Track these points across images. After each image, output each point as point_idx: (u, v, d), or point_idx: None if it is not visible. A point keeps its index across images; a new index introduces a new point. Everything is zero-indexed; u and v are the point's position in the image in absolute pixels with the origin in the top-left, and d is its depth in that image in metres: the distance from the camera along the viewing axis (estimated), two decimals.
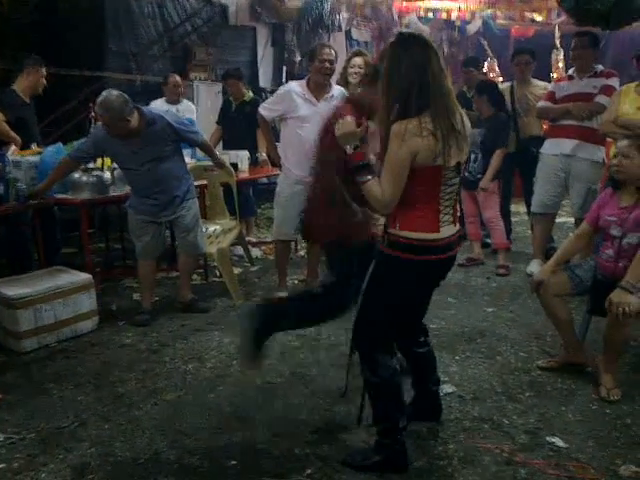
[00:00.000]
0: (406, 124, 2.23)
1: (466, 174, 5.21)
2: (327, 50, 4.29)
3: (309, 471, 2.57)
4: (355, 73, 4.77)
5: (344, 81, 4.83)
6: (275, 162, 4.78)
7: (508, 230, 5.80)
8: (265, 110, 4.45)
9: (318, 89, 4.31)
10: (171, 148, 4.04)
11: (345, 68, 4.86)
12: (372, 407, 2.59)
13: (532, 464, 2.61)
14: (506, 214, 5.79)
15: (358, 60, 4.79)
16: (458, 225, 2.52)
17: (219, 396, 3.20)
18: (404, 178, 2.29)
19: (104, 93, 3.78)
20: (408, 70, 2.26)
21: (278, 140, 4.61)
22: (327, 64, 4.24)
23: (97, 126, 4.21)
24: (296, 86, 4.41)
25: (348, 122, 2.43)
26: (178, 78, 6.25)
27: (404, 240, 2.37)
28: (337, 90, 4.42)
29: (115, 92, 3.79)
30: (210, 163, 4.73)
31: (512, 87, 5.75)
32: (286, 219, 4.44)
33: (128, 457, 2.68)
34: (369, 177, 2.34)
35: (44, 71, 4.94)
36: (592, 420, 2.96)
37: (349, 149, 2.40)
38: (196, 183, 4.63)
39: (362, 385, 2.62)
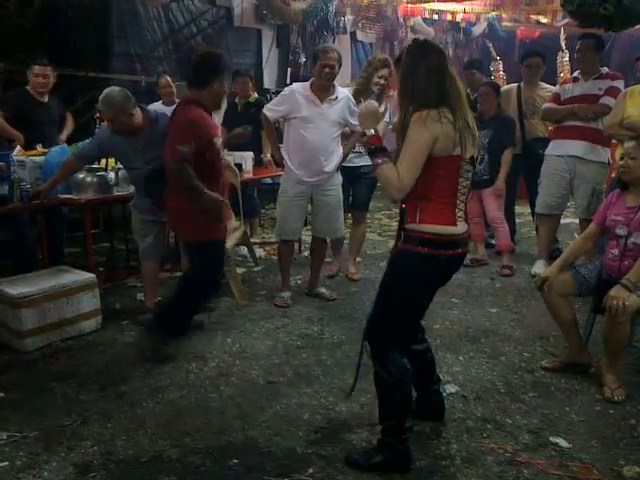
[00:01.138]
0: (427, 112, 2.31)
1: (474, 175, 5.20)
2: (329, 55, 4.24)
3: (311, 471, 2.56)
4: (381, 85, 4.73)
5: (366, 87, 4.77)
6: (278, 162, 4.78)
7: (512, 231, 5.79)
8: (269, 111, 4.45)
9: (321, 91, 4.31)
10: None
11: (371, 74, 4.79)
12: (379, 405, 2.59)
13: (535, 464, 2.59)
14: (510, 215, 5.79)
15: (386, 71, 4.73)
16: (467, 224, 2.55)
17: (221, 395, 3.20)
18: (421, 164, 2.33)
19: (106, 90, 3.84)
20: (426, 73, 2.35)
21: (282, 141, 4.61)
22: (327, 69, 4.21)
23: (102, 127, 4.22)
24: (300, 87, 4.41)
25: (372, 104, 2.50)
26: (169, 79, 6.23)
27: (423, 234, 2.40)
28: (341, 92, 4.40)
29: (117, 88, 3.86)
30: None
31: (519, 88, 5.74)
32: (289, 219, 4.45)
33: (130, 456, 2.68)
34: (386, 160, 2.37)
35: (35, 69, 4.90)
36: (596, 420, 2.95)
37: (370, 131, 2.44)
38: None
39: (368, 385, 2.63)
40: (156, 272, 4.34)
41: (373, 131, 2.44)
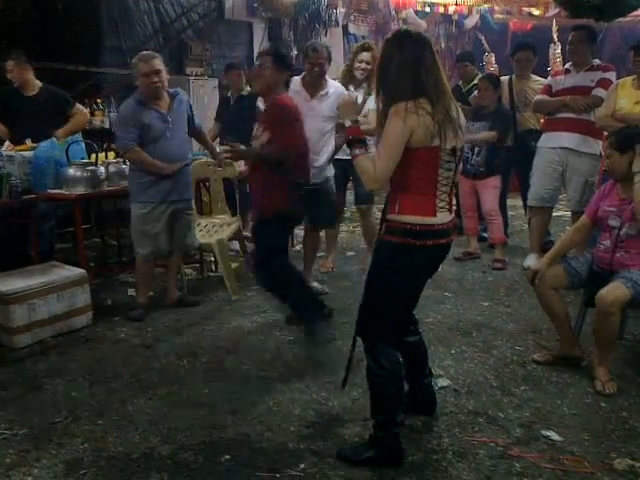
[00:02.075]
0: (404, 104, 2.31)
1: (468, 166, 5.23)
2: (318, 53, 4.23)
3: (303, 466, 2.56)
4: (362, 69, 4.73)
5: (350, 75, 4.78)
6: None
7: (505, 224, 5.79)
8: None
9: (312, 86, 4.32)
10: (186, 123, 4.20)
11: (352, 61, 4.80)
12: (371, 399, 2.58)
13: (527, 458, 2.59)
14: (502, 208, 5.78)
15: (366, 55, 4.74)
16: (452, 214, 2.54)
17: (213, 391, 3.19)
18: (398, 155, 2.33)
19: None
20: (400, 65, 2.35)
21: None
22: (317, 68, 4.22)
23: (124, 104, 4.13)
24: (291, 82, 4.39)
25: (350, 96, 2.53)
26: None
27: (403, 225, 2.41)
28: (333, 87, 4.38)
29: None
30: (212, 160, 4.73)
31: (510, 81, 5.72)
32: None
33: (121, 453, 2.67)
34: (363, 151, 2.40)
35: (7, 64, 4.91)
36: (587, 413, 2.95)
37: (348, 122, 2.46)
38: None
39: (359, 380, 2.62)
40: (153, 269, 4.33)
41: (351, 122, 2.46)
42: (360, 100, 4.58)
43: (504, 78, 5.89)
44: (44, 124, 4.88)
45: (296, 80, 4.37)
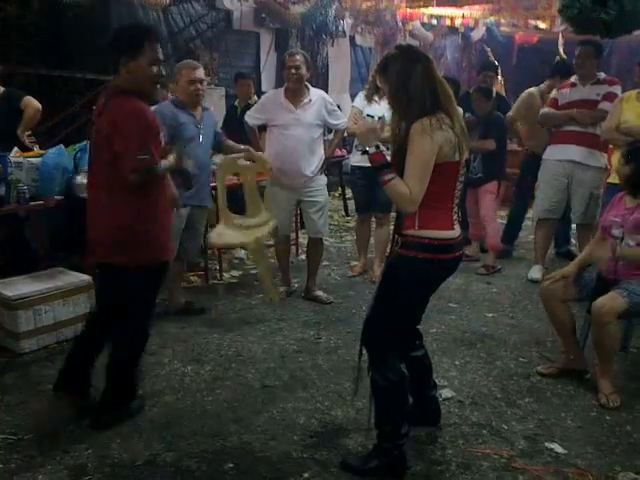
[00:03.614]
0: (428, 120, 2.30)
1: (471, 176, 5.27)
2: (293, 57, 4.32)
3: (306, 475, 2.56)
4: None
5: (374, 84, 4.85)
6: None
7: (515, 235, 5.84)
8: (249, 118, 4.57)
9: (294, 96, 4.37)
10: (213, 136, 4.28)
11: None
12: (376, 410, 2.58)
13: (531, 470, 2.60)
14: (520, 217, 5.84)
15: None
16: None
17: (217, 399, 3.19)
18: (429, 173, 2.32)
19: None
20: (419, 79, 2.35)
21: None
22: (293, 70, 4.28)
23: (161, 104, 4.14)
24: (274, 95, 4.52)
25: (369, 121, 2.49)
26: None
27: (423, 240, 2.40)
28: (315, 94, 4.44)
29: None
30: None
31: (541, 93, 5.69)
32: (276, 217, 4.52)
33: (125, 459, 2.67)
34: (392, 175, 2.36)
35: None
36: (591, 426, 2.95)
37: (372, 150, 2.41)
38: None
39: (364, 389, 2.63)
40: None
41: (374, 149, 2.41)
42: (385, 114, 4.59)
43: (534, 90, 5.80)
44: (13, 127, 4.83)
45: (279, 92, 4.44)
